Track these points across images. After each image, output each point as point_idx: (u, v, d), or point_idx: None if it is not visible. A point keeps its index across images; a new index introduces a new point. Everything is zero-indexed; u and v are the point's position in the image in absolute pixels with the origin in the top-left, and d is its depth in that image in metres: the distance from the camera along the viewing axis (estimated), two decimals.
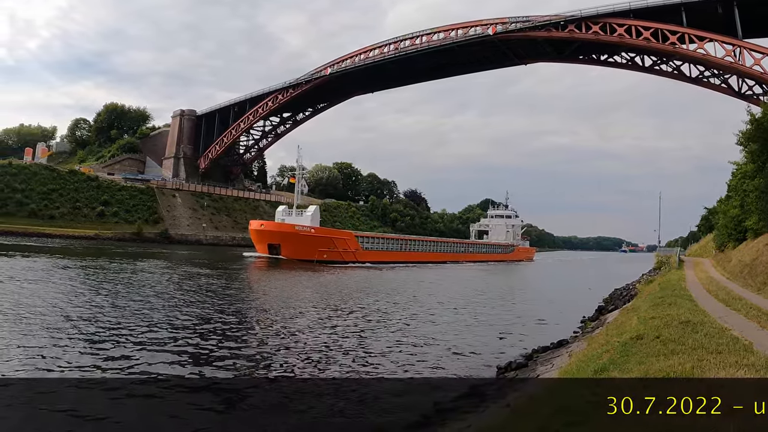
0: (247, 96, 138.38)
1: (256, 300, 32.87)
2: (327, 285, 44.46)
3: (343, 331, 21.99)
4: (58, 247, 68.87)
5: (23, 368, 14.10)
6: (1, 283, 30.18)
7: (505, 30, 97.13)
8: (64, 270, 40.67)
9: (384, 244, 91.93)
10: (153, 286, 33.99)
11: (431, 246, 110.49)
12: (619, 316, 20.01)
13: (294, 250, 73.45)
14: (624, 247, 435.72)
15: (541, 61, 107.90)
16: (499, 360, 17.94)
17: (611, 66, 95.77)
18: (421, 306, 33.60)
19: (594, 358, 10.79)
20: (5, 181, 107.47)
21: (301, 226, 76.62)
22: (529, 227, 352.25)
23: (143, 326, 20.55)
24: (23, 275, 34.70)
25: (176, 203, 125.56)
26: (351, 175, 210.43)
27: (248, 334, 21.05)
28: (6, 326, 18.86)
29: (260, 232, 78.81)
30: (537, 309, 35.43)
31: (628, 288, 39.82)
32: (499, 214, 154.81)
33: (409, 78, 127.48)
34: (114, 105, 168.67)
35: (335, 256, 76.41)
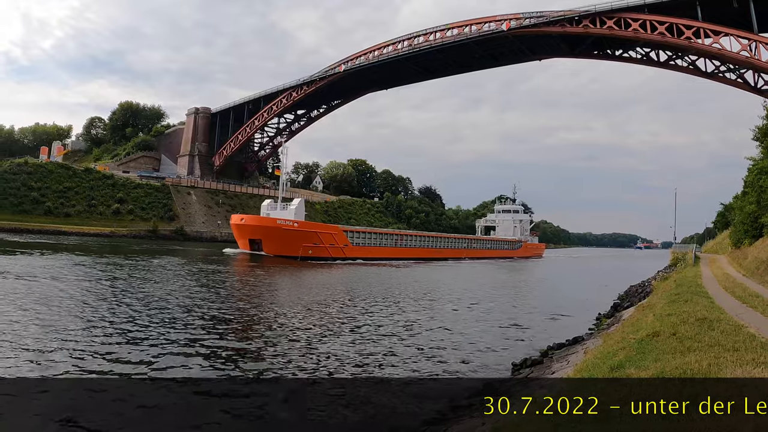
0: (261, 93, 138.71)
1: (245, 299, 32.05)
2: (303, 286, 41.35)
3: (347, 331, 21.78)
4: (75, 245, 69.07)
5: (38, 367, 14.13)
6: (18, 280, 30.24)
7: (518, 25, 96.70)
8: (81, 267, 40.78)
9: (376, 240, 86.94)
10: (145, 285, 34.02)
11: (429, 242, 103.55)
12: (635, 313, 19.91)
13: (276, 246, 69.95)
14: (639, 244, 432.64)
15: (555, 56, 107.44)
16: (514, 357, 17.88)
17: (626, 61, 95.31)
18: (429, 304, 33.40)
19: (610, 356, 10.74)
20: (21, 180, 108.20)
21: (283, 220, 72.38)
22: (543, 223, 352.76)
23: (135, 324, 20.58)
24: (41, 273, 34.82)
25: (191, 200, 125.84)
26: (366, 171, 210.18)
27: (244, 332, 20.96)
28: (20, 324, 18.89)
29: (240, 227, 74.46)
30: (551, 306, 35.23)
31: (644, 285, 39.55)
32: (506, 209, 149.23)
33: (423, 74, 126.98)
34: (129, 103, 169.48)
35: (321, 253, 72.82)
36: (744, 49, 74.67)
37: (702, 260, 46.15)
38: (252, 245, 71.85)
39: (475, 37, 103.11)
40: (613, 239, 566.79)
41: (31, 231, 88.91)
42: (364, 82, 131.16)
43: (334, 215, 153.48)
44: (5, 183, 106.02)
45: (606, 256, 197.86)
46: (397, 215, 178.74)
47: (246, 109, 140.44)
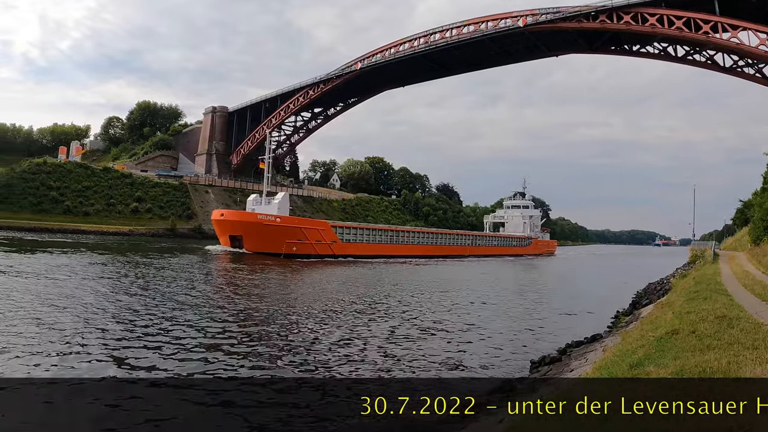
0: (278, 92, 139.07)
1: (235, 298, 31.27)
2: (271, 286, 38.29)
3: (356, 332, 21.65)
4: (94, 243, 69.36)
5: (56, 366, 14.21)
6: (37, 278, 30.37)
7: (535, 22, 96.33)
8: (102, 266, 41.02)
9: (369, 236, 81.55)
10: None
11: (430, 238, 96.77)
12: (654, 311, 19.83)
13: (257, 243, 65.52)
14: (657, 241, 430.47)
15: (572, 52, 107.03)
16: (533, 354, 17.86)
17: (644, 56, 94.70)
18: (441, 300, 33.35)
19: (629, 353, 10.71)
20: (40, 179, 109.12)
21: (264, 215, 67.85)
22: (561, 220, 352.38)
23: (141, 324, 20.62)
24: (62, 271, 34.99)
25: (209, 199, 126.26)
26: (383, 169, 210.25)
27: (257, 332, 20.97)
28: (38, 323, 18.98)
29: (220, 223, 70.19)
30: (569, 303, 35.12)
31: (663, 282, 39.37)
32: (515, 204, 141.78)
33: (440, 71, 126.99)
34: (146, 103, 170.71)
35: (307, 250, 67.99)
36: (762, 44, 74.13)
37: (721, 257, 45.81)
38: (233, 242, 67.90)
39: (491, 34, 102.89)
40: (631, 236, 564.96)
41: (50, 230, 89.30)
42: (381, 80, 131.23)
43: (351, 213, 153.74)
44: (25, 183, 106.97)
45: (624, 253, 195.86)
46: (415, 213, 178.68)
47: (263, 107, 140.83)
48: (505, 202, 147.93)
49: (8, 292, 25.11)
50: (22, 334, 17.02)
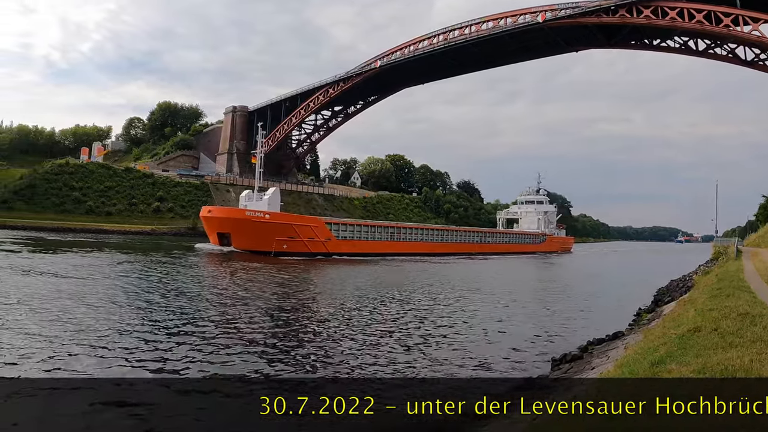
0: (298, 91, 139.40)
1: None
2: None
3: (375, 331, 21.54)
4: (116, 243, 69.77)
5: (79, 366, 14.29)
6: (56, 278, 30.52)
7: (554, 17, 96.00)
8: (125, 265, 41.20)
9: (367, 233, 77.22)
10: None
11: (433, 235, 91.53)
12: (676, 308, 19.72)
13: (246, 240, 62.99)
14: (680, 237, 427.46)
15: (592, 47, 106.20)
16: (553, 352, 17.77)
17: (664, 51, 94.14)
18: (458, 298, 33.23)
19: (650, 351, 10.64)
20: (63, 180, 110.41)
21: (252, 211, 65.33)
22: (582, 217, 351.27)
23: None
24: (87, 270, 35.21)
25: (230, 198, 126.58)
26: (404, 167, 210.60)
27: (270, 333, 20.96)
28: (61, 323, 19.09)
29: (209, 220, 67.93)
30: (590, 301, 35.00)
31: (685, 279, 39.09)
32: (529, 199, 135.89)
33: (460, 68, 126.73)
34: (167, 103, 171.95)
35: (298, 247, 64.69)
36: None
37: (744, 254, 45.48)
38: (221, 239, 65.54)
39: (510, 30, 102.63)
40: (653, 233, 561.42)
41: (73, 230, 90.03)
42: (400, 78, 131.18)
43: (372, 210, 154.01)
44: (47, 183, 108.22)
45: (645, 250, 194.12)
46: (436, 210, 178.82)
47: (283, 106, 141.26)
48: (518, 198, 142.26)
49: (39, 291, 25.33)
50: (56, 336, 17.14)
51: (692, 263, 58.96)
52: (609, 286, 49.23)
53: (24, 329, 17.65)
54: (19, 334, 16.95)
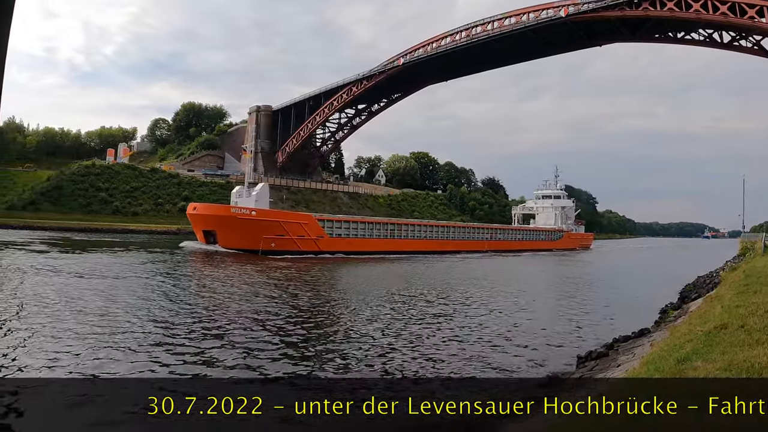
0: (322, 89, 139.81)
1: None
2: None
3: (392, 330, 21.35)
4: (143, 242, 70.25)
5: (109, 366, 14.34)
6: (79, 278, 30.68)
7: (577, 11, 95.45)
8: (151, 264, 41.41)
9: (364, 230, 73.18)
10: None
11: (437, 232, 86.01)
12: (703, 305, 19.49)
13: (232, 238, 60.58)
14: (706, 233, 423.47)
15: (615, 41, 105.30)
16: (579, 350, 17.65)
17: (688, 44, 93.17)
18: (479, 296, 33.04)
19: (676, 348, 10.50)
20: (89, 181, 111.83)
21: (238, 208, 63.23)
22: (608, 213, 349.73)
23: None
24: (111, 271, 35.42)
25: None
26: (428, 164, 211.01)
27: (292, 333, 20.91)
28: (89, 322, 19.17)
29: (194, 217, 65.31)
30: (616, 298, 34.81)
31: (712, 275, 38.67)
32: (546, 194, 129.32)
33: (483, 64, 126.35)
34: (191, 104, 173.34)
35: (287, 246, 61.62)
36: None
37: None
38: (207, 237, 63.10)
39: (533, 25, 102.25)
40: (680, 228, 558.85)
41: (100, 230, 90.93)
42: (423, 75, 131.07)
43: (397, 208, 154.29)
44: (74, 185, 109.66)
45: (672, 246, 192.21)
46: (461, 207, 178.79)
47: (307, 105, 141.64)
48: (535, 192, 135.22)
49: (71, 291, 25.50)
50: (92, 336, 17.26)
51: (719, 259, 58.41)
52: (635, 282, 48.96)
53: (68, 330, 17.81)
54: (62, 335, 17.14)
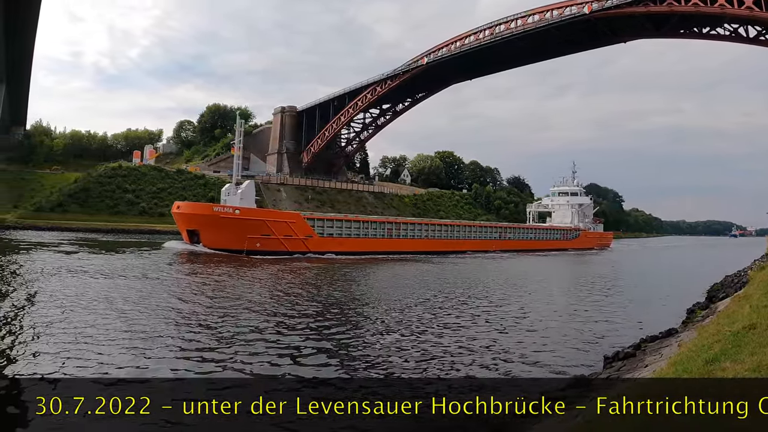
0: (346, 90, 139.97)
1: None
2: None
3: (421, 330, 21.46)
4: (158, 242, 70.69)
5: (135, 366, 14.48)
6: (110, 279, 30.93)
7: (601, 7, 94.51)
8: (175, 266, 41.68)
9: (358, 230, 70.56)
10: None
11: (438, 231, 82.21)
12: (731, 305, 19.34)
13: (215, 238, 58.68)
14: (734, 231, 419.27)
15: (640, 37, 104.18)
16: (606, 350, 17.59)
17: (714, 39, 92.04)
18: (505, 297, 33.06)
19: (704, 349, 10.46)
20: (116, 183, 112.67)
21: (220, 206, 61.59)
22: (635, 211, 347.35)
23: None
24: (143, 271, 35.68)
25: (281, 197, 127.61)
26: (453, 163, 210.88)
27: (320, 332, 20.96)
28: (114, 322, 19.35)
29: (178, 216, 63.42)
30: (642, 297, 34.64)
31: (740, 275, 38.30)
32: (562, 190, 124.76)
33: (507, 63, 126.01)
34: (216, 105, 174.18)
35: (273, 246, 59.73)
36: None
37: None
38: (191, 237, 60.97)
39: (556, 23, 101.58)
40: (707, 227, 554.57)
41: (127, 231, 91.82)
42: (448, 74, 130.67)
43: (423, 208, 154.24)
44: (101, 186, 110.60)
45: (698, 245, 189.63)
46: (486, 206, 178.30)
47: (331, 105, 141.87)
48: (551, 189, 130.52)
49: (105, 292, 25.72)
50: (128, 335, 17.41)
51: (748, 257, 57.81)
52: (662, 281, 48.67)
53: (96, 330, 17.98)
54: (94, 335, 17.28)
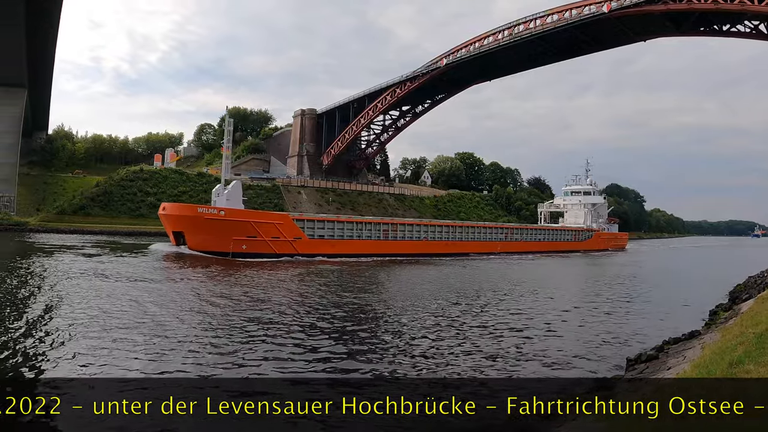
0: (365, 92, 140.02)
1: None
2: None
3: (439, 333, 21.28)
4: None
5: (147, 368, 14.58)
6: (132, 282, 31.08)
7: (620, 6, 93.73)
8: (196, 269, 41.80)
9: (351, 231, 67.65)
10: None
11: (438, 233, 77.96)
12: (755, 306, 19.24)
13: (200, 240, 56.87)
14: (756, 231, 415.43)
15: (660, 36, 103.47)
16: (628, 352, 17.54)
17: (734, 36, 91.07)
18: (525, 298, 33.11)
19: (728, 351, 10.43)
20: (137, 186, 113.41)
21: (204, 207, 59.62)
22: (657, 212, 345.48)
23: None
24: (161, 274, 35.84)
25: (302, 199, 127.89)
26: (473, 164, 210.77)
27: (350, 330, 21.04)
28: (137, 324, 19.48)
29: (164, 217, 61.29)
30: (664, 298, 34.44)
31: (763, 275, 37.97)
32: (575, 190, 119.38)
33: (526, 63, 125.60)
34: (236, 109, 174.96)
35: (260, 248, 57.82)
36: None
37: None
38: (177, 239, 59.15)
39: (575, 22, 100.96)
40: (729, 227, 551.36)
41: (148, 233, 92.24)
42: (467, 75, 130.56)
43: (443, 209, 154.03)
44: (122, 190, 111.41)
45: (720, 245, 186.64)
46: (507, 207, 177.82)
47: (351, 107, 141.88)
48: (563, 188, 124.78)
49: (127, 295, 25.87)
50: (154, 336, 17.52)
51: None
52: (684, 282, 48.39)
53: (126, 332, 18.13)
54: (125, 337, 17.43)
